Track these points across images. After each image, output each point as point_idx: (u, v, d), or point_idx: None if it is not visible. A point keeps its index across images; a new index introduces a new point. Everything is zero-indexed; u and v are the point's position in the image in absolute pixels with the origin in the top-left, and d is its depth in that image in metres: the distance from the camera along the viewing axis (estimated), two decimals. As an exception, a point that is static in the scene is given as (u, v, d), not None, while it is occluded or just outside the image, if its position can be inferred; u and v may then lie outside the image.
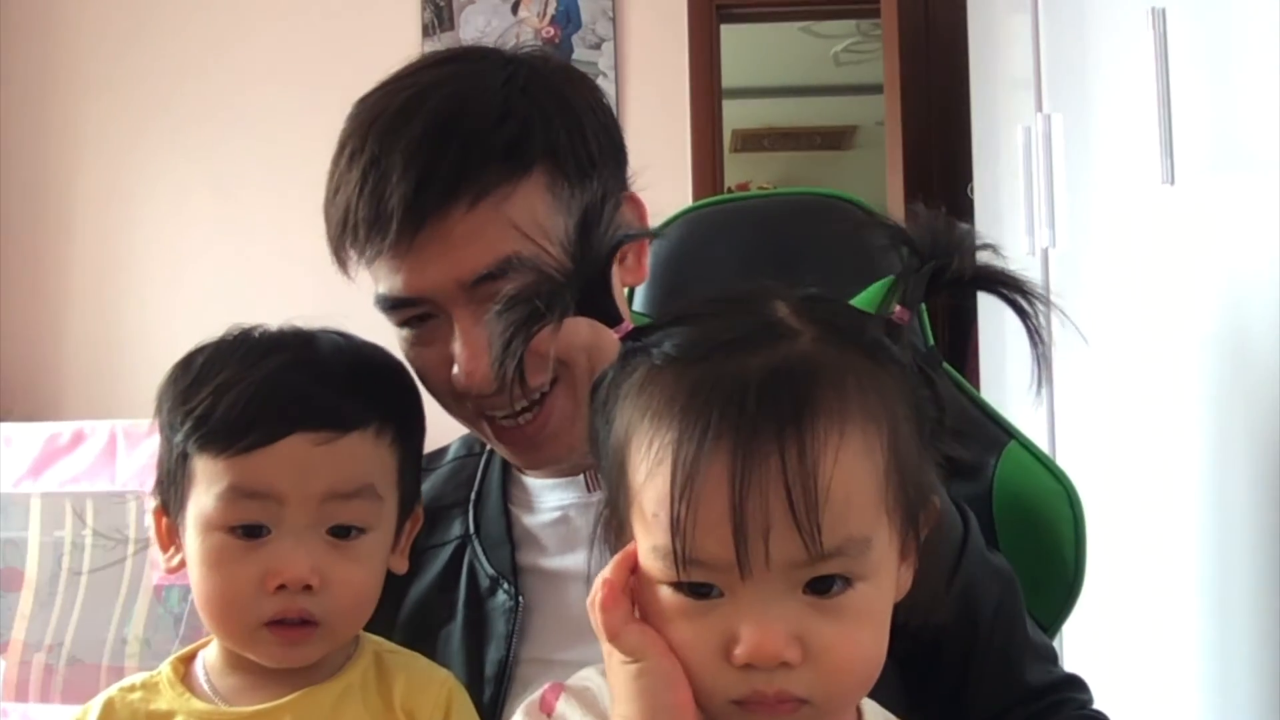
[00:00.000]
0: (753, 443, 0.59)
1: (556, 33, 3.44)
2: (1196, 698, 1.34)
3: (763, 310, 0.65)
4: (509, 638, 0.95)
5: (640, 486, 0.63)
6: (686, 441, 0.60)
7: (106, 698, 0.83)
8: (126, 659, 2.78)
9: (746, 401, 0.60)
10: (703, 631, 0.61)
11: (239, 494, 0.79)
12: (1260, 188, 1.14)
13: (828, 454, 0.59)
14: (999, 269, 0.67)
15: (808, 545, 0.59)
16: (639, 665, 0.63)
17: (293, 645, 0.81)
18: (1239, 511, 1.24)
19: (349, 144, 0.91)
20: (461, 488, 1.05)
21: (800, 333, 0.64)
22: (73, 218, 3.52)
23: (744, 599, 0.60)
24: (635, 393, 0.65)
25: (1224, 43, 1.26)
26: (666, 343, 0.64)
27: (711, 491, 0.59)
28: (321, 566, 0.80)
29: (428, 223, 0.87)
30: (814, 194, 1.34)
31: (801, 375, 0.61)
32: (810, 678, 0.61)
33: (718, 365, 0.62)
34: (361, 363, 0.88)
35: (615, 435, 0.66)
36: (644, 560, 0.64)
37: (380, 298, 0.92)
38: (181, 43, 3.50)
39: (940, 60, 3.14)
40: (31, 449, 2.95)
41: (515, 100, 0.91)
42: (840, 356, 0.63)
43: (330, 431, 0.81)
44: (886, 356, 0.65)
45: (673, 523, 0.60)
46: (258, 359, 0.83)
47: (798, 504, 0.58)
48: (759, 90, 5.26)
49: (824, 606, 0.61)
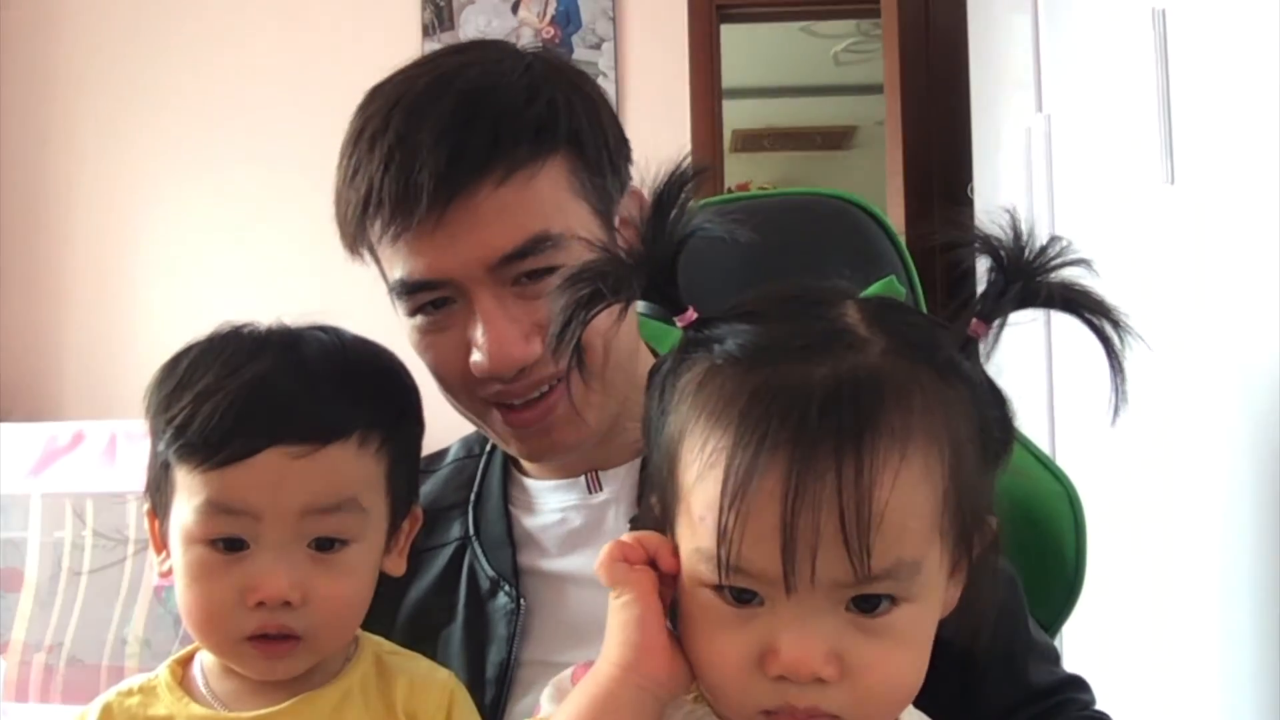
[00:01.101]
0: (810, 458, 0.57)
1: (556, 33, 3.44)
2: (1197, 697, 1.34)
3: (833, 315, 0.63)
4: (510, 640, 0.94)
5: (690, 487, 0.61)
6: (742, 449, 0.58)
7: (104, 702, 0.83)
8: (126, 659, 2.78)
9: (808, 414, 0.58)
10: (740, 640, 0.60)
11: (216, 509, 0.78)
12: (1260, 188, 1.14)
13: (885, 476, 0.57)
14: (1086, 292, 0.64)
15: (855, 567, 0.57)
16: (621, 600, 0.64)
17: (275, 659, 0.80)
18: (1239, 511, 1.24)
19: (367, 128, 0.90)
20: (461, 489, 1.05)
21: (870, 342, 0.61)
22: (72, 218, 3.52)
23: (785, 611, 0.59)
24: (694, 389, 0.63)
25: (1224, 43, 1.26)
26: (730, 340, 0.62)
27: (763, 504, 0.58)
28: (303, 581, 0.78)
29: (457, 198, 0.86)
30: (814, 194, 1.34)
31: (867, 390, 0.59)
32: (844, 697, 0.60)
33: (781, 372, 0.60)
34: (349, 366, 0.85)
35: (669, 431, 0.64)
36: (687, 561, 0.63)
37: (398, 283, 0.91)
38: (181, 43, 3.50)
39: (940, 60, 3.14)
40: (31, 449, 2.95)
41: (539, 84, 0.91)
42: (909, 372, 0.61)
43: (307, 445, 0.78)
44: (956, 375, 0.62)
45: (720, 530, 0.58)
46: (240, 365, 0.80)
47: (849, 525, 0.57)
48: (759, 90, 5.26)
49: (866, 625, 0.59)
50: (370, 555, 0.83)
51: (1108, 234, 1.69)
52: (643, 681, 0.63)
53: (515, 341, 0.88)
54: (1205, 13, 1.31)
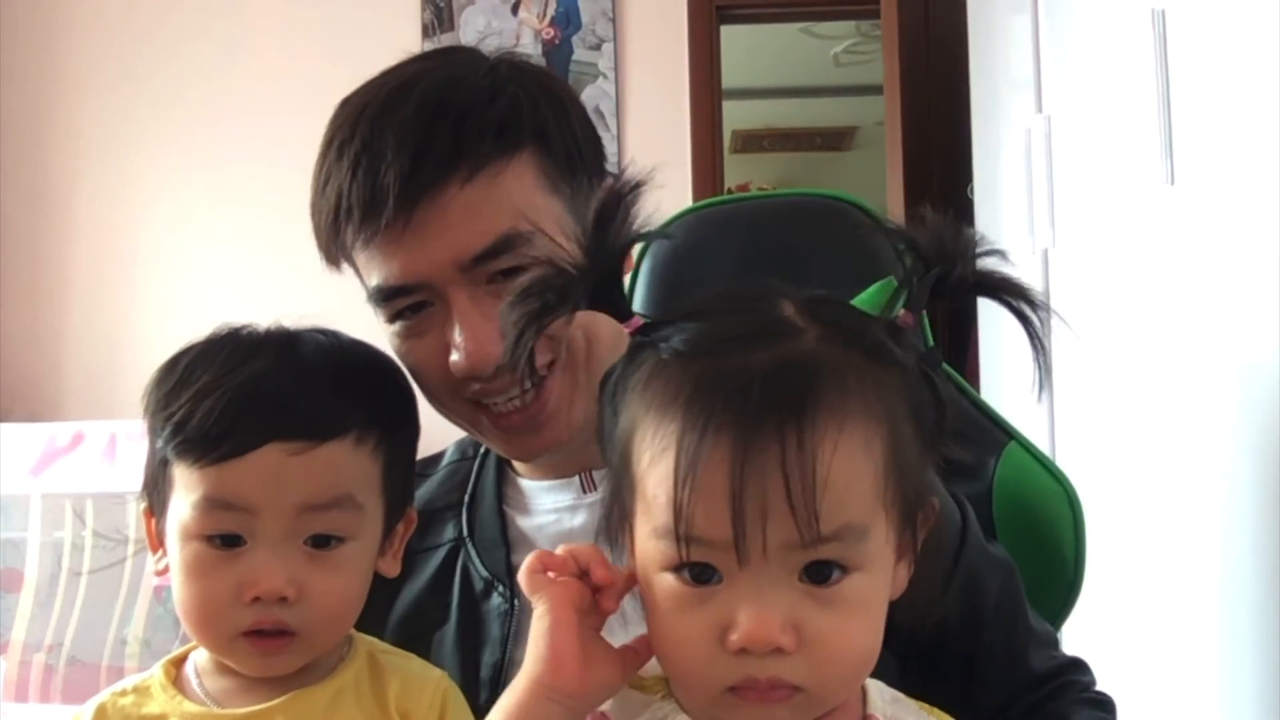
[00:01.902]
0: (754, 433, 0.60)
1: (556, 33, 3.44)
2: (1198, 697, 1.34)
3: (769, 309, 0.67)
4: (504, 641, 0.94)
5: (644, 473, 0.64)
6: (690, 431, 0.62)
7: (98, 703, 0.83)
8: (126, 659, 2.78)
9: (750, 394, 0.61)
10: (700, 619, 0.62)
11: (213, 504, 0.78)
12: (1260, 188, 1.14)
13: (826, 445, 0.61)
14: (1002, 275, 0.68)
15: (802, 530, 0.60)
16: (538, 612, 0.68)
17: (270, 655, 0.80)
18: (1239, 511, 1.24)
19: (336, 137, 0.92)
20: (455, 491, 1.05)
21: (805, 331, 0.65)
22: (73, 218, 3.52)
23: (742, 585, 0.62)
24: (642, 386, 0.66)
25: (1224, 43, 1.26)
26: (675, 338, 0.66)
27: (713, 476, 0.60)
28: (299, 577, 0.79)
29: (424, 199, 0.87)
30: (814, 195, 1.34)
31: (805, 371, 0.63)
32: (804, 666, 0.62)
33: (722, 360, 0.63)
34: (346, 366, 0.85)
35: (621, 427, 0.67)
36: (645, 547, 0.65)
37: (374, 290, 0.92)
38: (182, 44, 3.50)
39: (940, 60, 3.14)
40: (31, 449, 2.95)
41: (503, 83, 0.93)
42: (843, 356, 0.64)
43: (305, 441, 0.79)
44: (889, 358, 0.66)
45: (675, 505, 0.61)
46: (239, 363, 0.81)
47: (795, 489, 0.60)
48: (759, 91, 5.26)
49: (820, 595, 0.62)
50: (365, 554, 0.84)
51: (1108, 234, 1.69)
52: (551, 694, 0.67)
53: (492, 340, 0.88)
54: (1205, 13, 1.31)
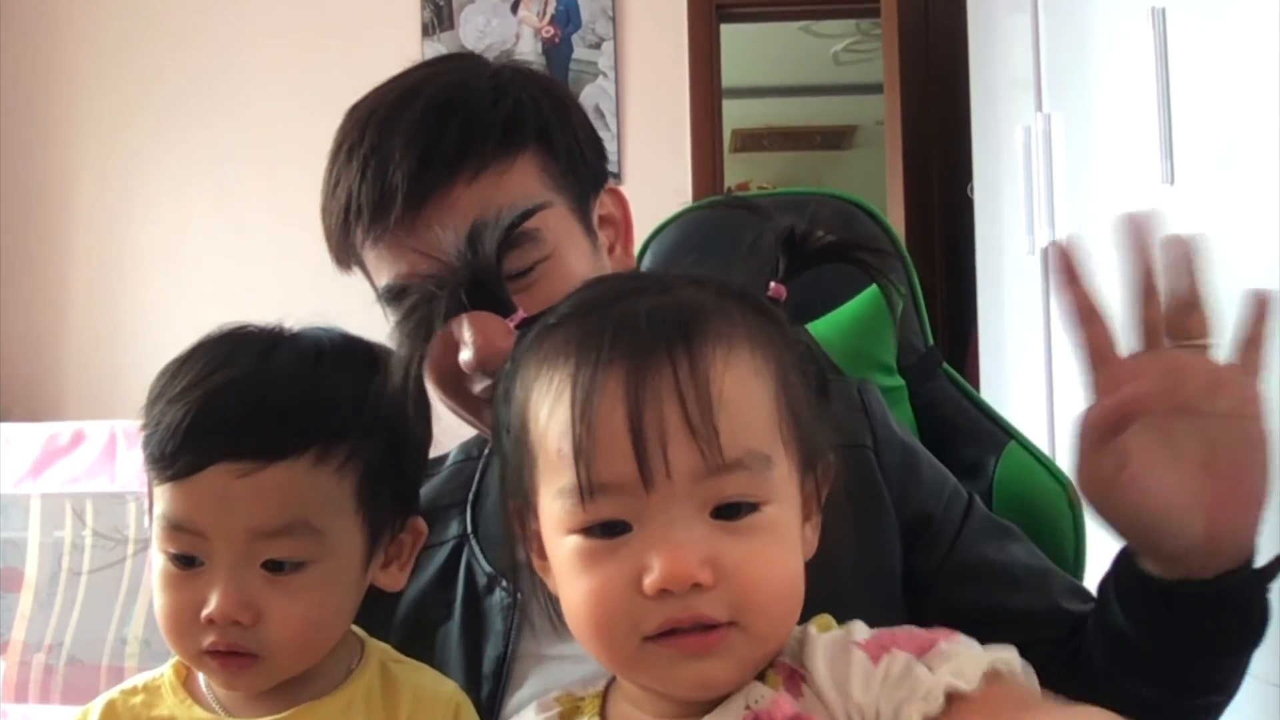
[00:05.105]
0: (646, 361, 0.62)
1: (556, 33, 3.44)
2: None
3: (649, 277, 0.71)
4: (507, 635, 0.94)
5: (544, 429, 0.65)
6: (583, 369, 0.63)
7: (108, 699, 0.82)
8: (126, 659, 2.78)
9: (638, 329, 0.63)
10: (613, 571, 0.62)
11: (169, 524, 0.77)
12: (1260, 188, 1.14)
13: (717, 366, 0.62)
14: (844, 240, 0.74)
15: (705, 452, 0.60)
16: None
17: (233, 674, 0.78)
18: (1239, 511, 1.24)
19: (346, 141, 0.94)
20: (459, 489, 1.05)
21: (685, 286, 0.68)
22: (73, 218, 3.52)
23: (652, 529, 0.61)
24: (532, 351, 0.68)
25: (1224, 43, 1.26)
26: (561, 307, 0.69)
27: (609, 409, 0.61)
28: (255, 601, 0.76)
29: (431, 197, 0.89)
30: (813, 194, 1.34)
31: (689, 308, 0.65)
32: (726, 598, 0.61)
33: (609, 308, 0.66)
34: (326, 373, 0.80)
35: (516, 399, 0.68)
36: (550, 513, 0.65)
37: (384, 289, 0.93)
38: (181, 43, 3.50)
39: (940, 60, 3.14)
40: (31, 449, 2.95)
41: (506, 87, 0.95)
42: (724, 301, 0.67)
43: (252, 462, 0.74)
44: (770, 316, 0.68)
45: (575, 447, 0.61)
46: (211, 371, 0.77)
47: (692, 411, 0.61)
48: (759, 90, 5.26)
49: (733, 528, 0.62)
50: (336, 574, 0.79)
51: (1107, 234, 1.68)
52: None
53: (503, 335, 0.88)
54: (1205, 13, 1.31)
